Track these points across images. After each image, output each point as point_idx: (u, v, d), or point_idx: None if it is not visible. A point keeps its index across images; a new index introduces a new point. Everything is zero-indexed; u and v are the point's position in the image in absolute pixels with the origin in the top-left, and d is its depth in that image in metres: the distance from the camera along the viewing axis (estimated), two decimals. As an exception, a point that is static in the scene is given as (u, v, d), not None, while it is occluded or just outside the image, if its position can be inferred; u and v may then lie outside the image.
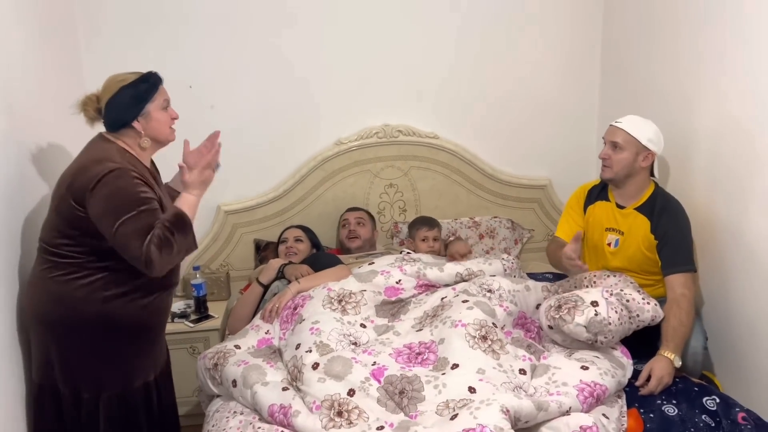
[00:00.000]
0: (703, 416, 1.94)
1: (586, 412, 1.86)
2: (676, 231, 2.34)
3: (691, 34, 2.55)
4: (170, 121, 2.01)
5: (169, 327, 2.68)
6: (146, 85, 1.92)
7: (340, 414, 1.82)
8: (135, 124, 1.91)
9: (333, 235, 3.22)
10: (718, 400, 1.99)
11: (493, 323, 2.11)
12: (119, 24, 2.88)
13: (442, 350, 2.04)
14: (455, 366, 1.95)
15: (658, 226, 2.36)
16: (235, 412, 2.00)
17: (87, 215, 1.78)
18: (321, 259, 2.74)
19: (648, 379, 2.08)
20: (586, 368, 2.01)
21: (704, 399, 2.01)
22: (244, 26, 2.98)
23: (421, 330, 2.18)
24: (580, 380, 1.95)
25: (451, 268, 2.48)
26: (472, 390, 1.85)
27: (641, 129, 2.38)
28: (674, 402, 2.02)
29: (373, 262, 2.59)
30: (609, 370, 2.02)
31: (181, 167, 1.96)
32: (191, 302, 2.93)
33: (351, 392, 1.89)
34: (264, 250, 3.13)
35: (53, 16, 2.60)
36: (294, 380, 2.00)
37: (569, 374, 1.99)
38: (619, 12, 3.13)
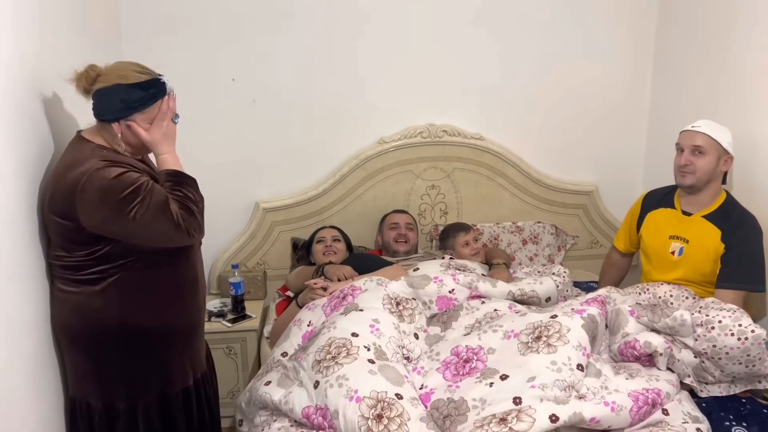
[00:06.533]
0: (777, 440, 1.84)
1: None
2: (747, 247, 2.24)
3: (748, 33, 2.46)
4: None
5: (205, 326, 2.63)
6: (141, 94, 1.71)
7: (379, 418, 1.71)
8: (114, 125, 1.73)
9: (372, 235, 3.13)
10: (791, 424, 1.89)
11: (552, 316, 2.01)
12: (165, 15, 2.80)
13: (492, 361, 1.94)
14: (505, 377, 1.86)
15: (731, 237, 2.26)
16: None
17: (77, 227, 1.65)
18: (364, 260, 2.66)
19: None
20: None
21: (776, 422, 1.90)
22: (288, 21, 2.90)
23: (469, 335, 2.09)
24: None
25: (504, 286, 2.38)
26: (517, 401, 1.74)
27: (721, 132, 2.30)
28: (744, 425, 1.91)
29: (418, 268, 2.50)
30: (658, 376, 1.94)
31: (131, 125, 1.74)
32: (227, 300, 2.86)
33: (399, 396, 1.79)
34: (300, 250, 3.05)
35: (96, 6, 2.53)
36: (333, 358, 1.89)
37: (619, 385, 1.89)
38: (674, 14, 3.02)
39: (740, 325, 1.92)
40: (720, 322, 1.94)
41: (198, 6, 2.83)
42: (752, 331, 1.90)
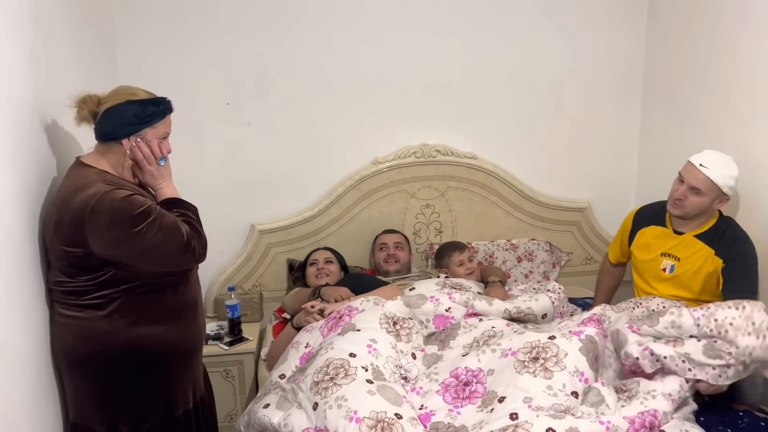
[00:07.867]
0: (776, 454, 1.84)
1: None
2: (749, 260, 2.26)
3: (744, 51, 2.48)
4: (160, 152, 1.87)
5: (203, 350, 2.62)
6: (154, 109, 1.78)
7: None
8: (124, 141, 1.77)
9: (368, 255, 3.15)
10: (789, 437, 1.89)
11: (550, 337, 2.01)
12: (158, 40, 2.83)
13: (491, 382, 1.95)
14: (502, 399, 1.86)
15: (729, 251, 2.27)
16: None
17: (85, 253, 1.66)
18: (360, 280, 2.67)
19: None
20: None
21: (774, 436, 1.91)
22: (282, 44, 2.94)
23: (467, 355, 2.10)
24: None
25: (500, 304, 2.39)
26: (513, 416, 1.75)
27: (725, 175, 2.26)
28: (742, 438, 1.92)
29: (414, 287, 2.51)
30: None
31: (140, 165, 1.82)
32: (224, 323, 2.85)
33: (398, 416, 1.79)
34: (296, 271, 3.05)
35: (91, 36, 2.56)
36: (331, 379, 1.89)
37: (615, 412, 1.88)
38: (664, 31, 3.07)
39: (754, 324, 1.91)
40: (731, 324, 1.92)
41: (192, 31, 2.85)
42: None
